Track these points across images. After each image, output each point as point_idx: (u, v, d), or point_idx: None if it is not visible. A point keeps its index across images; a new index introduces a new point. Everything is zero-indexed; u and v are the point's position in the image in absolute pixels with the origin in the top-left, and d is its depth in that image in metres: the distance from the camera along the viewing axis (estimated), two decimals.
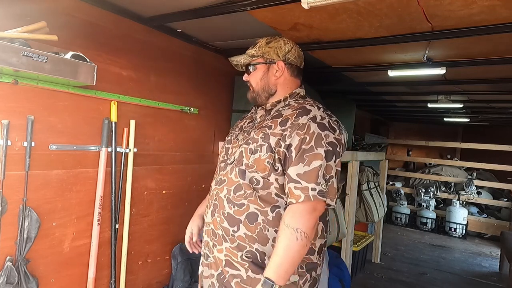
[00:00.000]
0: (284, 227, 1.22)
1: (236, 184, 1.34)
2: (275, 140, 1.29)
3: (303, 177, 1.23)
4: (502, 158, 6.15)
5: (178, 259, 2.32)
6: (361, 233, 4.15)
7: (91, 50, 1.78)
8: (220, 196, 1.38)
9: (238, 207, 1.32)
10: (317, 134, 1.26)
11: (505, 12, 1.57)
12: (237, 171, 1.35)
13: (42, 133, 1.62)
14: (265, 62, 1.43)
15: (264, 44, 1.44)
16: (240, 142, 1.42)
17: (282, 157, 1.28)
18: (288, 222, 1.22)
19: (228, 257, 1.35)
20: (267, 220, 1.30)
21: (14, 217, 1.53)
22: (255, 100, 1.49)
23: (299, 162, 1.24)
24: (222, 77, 2.74)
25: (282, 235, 1.22)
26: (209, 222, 1.43)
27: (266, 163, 1.29)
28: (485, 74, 2.86)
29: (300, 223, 1.21)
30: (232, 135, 1.53)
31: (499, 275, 4.39)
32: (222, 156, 1.50)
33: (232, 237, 1.33)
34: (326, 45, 2.25)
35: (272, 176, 1.29)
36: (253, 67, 1.46)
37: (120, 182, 1.99)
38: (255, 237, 1.30)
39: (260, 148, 1.30)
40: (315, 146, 1.24)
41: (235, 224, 1.33)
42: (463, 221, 5.96)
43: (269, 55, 1.42)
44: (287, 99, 1.43)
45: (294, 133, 1.27)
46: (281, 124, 1.32)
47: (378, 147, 4.94)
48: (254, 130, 1.40)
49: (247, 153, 1.34)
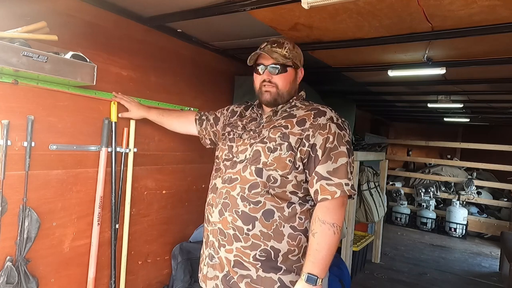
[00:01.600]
0: (320, 224, 1.28)
1: (252, 182, 1.35)
2: (295, 139, 1.34)
3: (334, 174, 1.29)
4: (502, 158, 6.15)
5: (178, 259, 2.32)
6: (361, 233, 4.15)
7: (91, 50, 1.78)
8: (232, 194, 1.37)
9: (254, 205, 1.33)
10: (338, 133, 1.34)
11: (505, 12, 1.57)
12: (252, 170, 1.36)
13: (42, 133, 1.62)
14: (294, 67, 1.48)
15: (292, 47, 1.47)
16: (248, 141, 1.43)
17: (305, 156, 1.33)
18: (324, 218, 1.28)
19: (238, 257, 1.35)
20: (283, 216, 1.33)
21: (14, 217, 1.53)
22: (276, 100, 1.46)
23: (327, 160, 1.30)
24: (222, 77, 2.73)
25: (320, 231, 1.28)
26: (216, 221, 1.41)
27: (287, 161, 1.33)
28: (485, 74, 2.86)
29: (335, 218, 1.28)
30: (234, 133, 1.52)
31: (499, 275, 4.39)
32: (225, 154, 1.49)
33: (246, 236, 1.33)
34: (326, 45, 2.25)
35: (292, 174, 1.33)
36: (283, 68, 1.44)
37: (120, 182, 1.99)
38: (270, 234, 1.32)
39: (280, 147, 1.34)
40: (338, 145, 1.32)
41: (250, 222, 1.33)
42: (463, 221, 5.96)
43: (296, 60, 1.48)
44: (294, 100, 1.49)
45: (317, 133, 1.33)
46: (298, 124, 1.37)
47: (378, 147, 4.94)
48: (267, 129, 1.41)
49: (265, 151, 1.36)
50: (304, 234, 1.36)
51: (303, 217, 1.36)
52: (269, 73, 1.44)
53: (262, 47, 1.47)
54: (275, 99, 1.46)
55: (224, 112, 1.75)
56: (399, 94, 4.16)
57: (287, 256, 1.33)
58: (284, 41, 1.47)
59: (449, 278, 4.17)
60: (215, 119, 1.78)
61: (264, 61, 1.46)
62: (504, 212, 6.14)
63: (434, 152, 7.89)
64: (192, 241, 2.44)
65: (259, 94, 1.49)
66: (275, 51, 1.43)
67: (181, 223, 2.46)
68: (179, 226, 2.45)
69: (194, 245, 2.35)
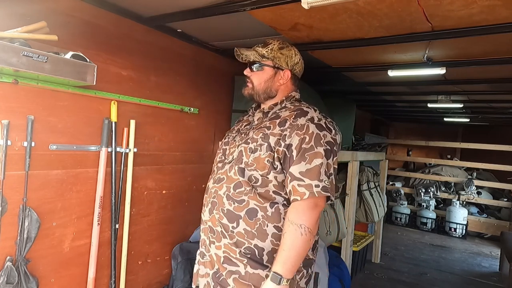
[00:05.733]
0: (288, 224, 1.28)
1: (236, 182, 1.37)
2: (274, 140, 1.34)
3: (306, 174, 1.28)
4: (502, 158, 6.15)
5: (178, 259, 2.32)
6: (361, 233, 4.15)
7: (91, 50, 1.78)
8: (219, 193, 1.40)
9: (238, 203, 1.35)
10: (316, 134, 1.32)
11: (505, 12, 1.57)
12: (236, 169, 1.38)
13: (42, 133, 1.62)
14: (273, 67, 1.47)
15: (277, 48, 1.46)
16: (237, 143, 1.45)
17: (281, 156, 1.33)
18: (292, 218, 1.27)
19: (227, 253, 1.37)
20: (267, 216, 1.34)
21: (14, 217, 1.53)
22: (252, 97, 1.52)
23: (301, 160, 1.29)
24: (222, 77, 2.73)
25: (288, 231, 1.27)
26: (207, 220, 1.45)
27: (265, 161, 1.33)
28: (485, 74, 2.86)
29: (304, 219, 1.27)
30: (229, 137, 1.56)
31: (499, 275, 4.39)
32: (219, 156, 1.54)
33: (231, 233, 1.36)
34: (326, 45, 2.25)
35: (271, 174, 1.34)
36: (259, 66, 1.48)
37: (120, 182, 1.99)
38: (254, 232, 1.33)
39: (260, 148, 1.35)
40: (315, 145, 1.30)
41: (235, 220, 1.35)
42: (463, 221, 5.96)
43: (279, 61, 1.46)
44: (284, 101, 1.49)
45: (293, 133, 1.32)
46: (279, 124, 1.37)
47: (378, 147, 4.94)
48: (253, 130, 1.44)
49: (246, 152, 1.37)
50: None
51: None
52: (249, 70, 1.51)
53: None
54: (251, 95, 1.51)
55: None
56: (399, 94, 4.16)
57: (272, 254, 1.34)
58: (272, 41, 1.48)
59: (449, 278, 4.17)
60: None
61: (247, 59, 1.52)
62: (504, 212, 6.14)
63: (434, 152, 7.89)
64: (192, 241, 2.44)
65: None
66: (257, 50, 1.46)
67: (181, 223, 2.46)
68: (179, 226, 2.45)
69: (194, 245, 2.35)
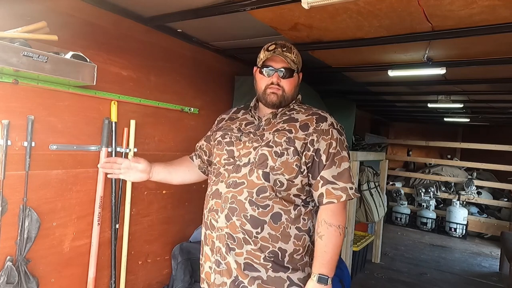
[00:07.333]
0: (327, 226, 1.34)
1: (260, 186, 1.34)
2: (300, 144, 1.37)
3: (339, 178, 1.35)
4: (502, 158, 6.14)
5: (178, 259, 2.32)
6: (361, 233, 4.15)
7: (91, 50, 1.78)
8: (239, 199, 1.35)
9: (262, 209, 1.34)
10: (339, 139, 1.40)
11: (505, 12, 1.57)
12: (260, 174, 1.35)
13: (42, 133, 1.62)
14: (297, 72, 1.50)
15: (297, 53, 1.48)
16: (250, 144, 1.40)
17: (309, 160, 1.37)
18: (330, 221, 1.34)
19: (249, 259, 1.35)
20: (290, 218, 1.37)
21: (14, 217, 1.53)
22: (280, 103, 1.46)
23: (332, 165, 1.36)
24: (222, 77, 2.73)
25: (327, 233, 1.34)
26: (223, 227, 1.38)
27: (294, 166, 1.36)
28: (485, 74, 2.86)
29: (340, 220, 1.36)
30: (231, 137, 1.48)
31: (499, 275, 4.39)
32: (224, 159, 1.45)
33: (255, 239, 1.34)
34: (326, 45, 2.25)
35: (298, 178, 1.37)
36: (291, 72, 1.45)
37: (120, 182, 1.99)
38: (278, 236, 1.35)
39: (287, 152, 1.36)
40: (341, 150, 1.39)
41: (259, 226, 1.34)
42: (463, 221, 5.96)
43: (300, 65, 1.51)
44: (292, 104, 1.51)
45: (320, 138, 1.37)
46: (302, 129, 1.40)
47: (378, 147, 4.95)
48: (270, 132, 1.40)
49: (272, 156, 1.36)
50: (308, 234, 1.41)
51: (306, 218, 1.40)
52: (278, 76, 1.44)
53: (272, 50, 1.43)
54: (280, 102, 1.46)
55: (213, 128, 1.69)
56: (399, 94, 4.16)
57: (292, 255, 1.37)
58: (291, 45, 1.47)
59: (449, 278, 4.17)
60: (207, 140, 1.70)
61: (273, 63, 1.44)
62: (504, 212, 6.14)
63: (434, 152, 7.89)
64: (192, 241, 2.44)
65: (263, 95, 1.46)
66: (286, 55, 1.42)
67: (181, 223, 2.46)
68: (179, 226, 2.45)
69: (194, 245, 2.35)
